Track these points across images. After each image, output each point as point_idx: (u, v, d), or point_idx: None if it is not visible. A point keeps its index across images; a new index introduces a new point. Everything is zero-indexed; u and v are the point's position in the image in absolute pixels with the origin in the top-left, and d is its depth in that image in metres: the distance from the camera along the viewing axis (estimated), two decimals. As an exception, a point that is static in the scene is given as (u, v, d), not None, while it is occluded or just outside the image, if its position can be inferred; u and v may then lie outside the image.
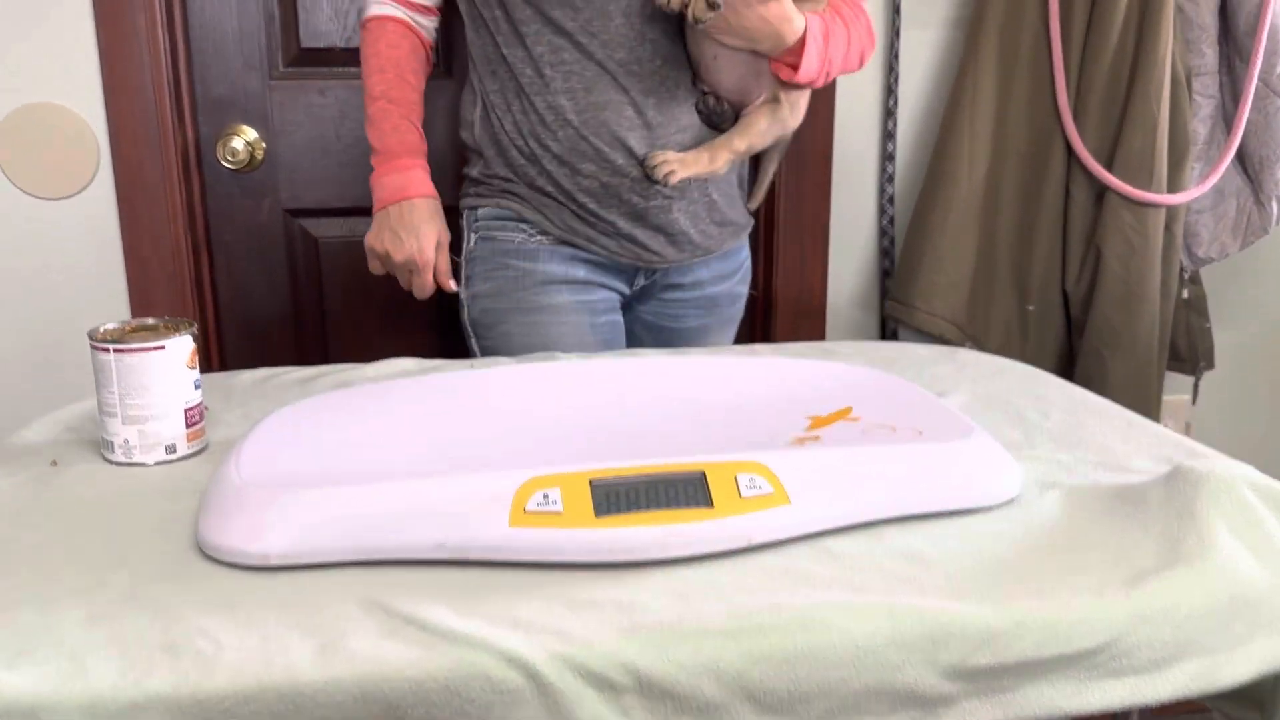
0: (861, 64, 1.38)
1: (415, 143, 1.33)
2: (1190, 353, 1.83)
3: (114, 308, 1.61)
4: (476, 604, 0.65)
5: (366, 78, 1.32)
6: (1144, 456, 0.90)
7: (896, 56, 1.75)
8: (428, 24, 1.35)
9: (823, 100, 1.75)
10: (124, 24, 1.52)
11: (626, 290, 1.41)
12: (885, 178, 1.80)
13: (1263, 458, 2.11)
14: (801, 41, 1.24)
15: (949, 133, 1.69)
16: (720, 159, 1.31)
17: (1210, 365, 1.85)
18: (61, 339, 1.62)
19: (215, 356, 1.71)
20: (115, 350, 0.89)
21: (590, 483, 0.74)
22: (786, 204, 1.80)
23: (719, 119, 1.34)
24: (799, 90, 1.33)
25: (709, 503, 0.73)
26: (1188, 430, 2.03)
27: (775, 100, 1.31)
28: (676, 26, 1.29)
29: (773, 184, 1.78)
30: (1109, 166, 1.67)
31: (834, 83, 1.75)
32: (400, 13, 1.32)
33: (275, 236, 1.72)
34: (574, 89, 1.27)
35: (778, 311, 1.85)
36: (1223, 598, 0.68)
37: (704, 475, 0.75)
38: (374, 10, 1.32)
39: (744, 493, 0.74)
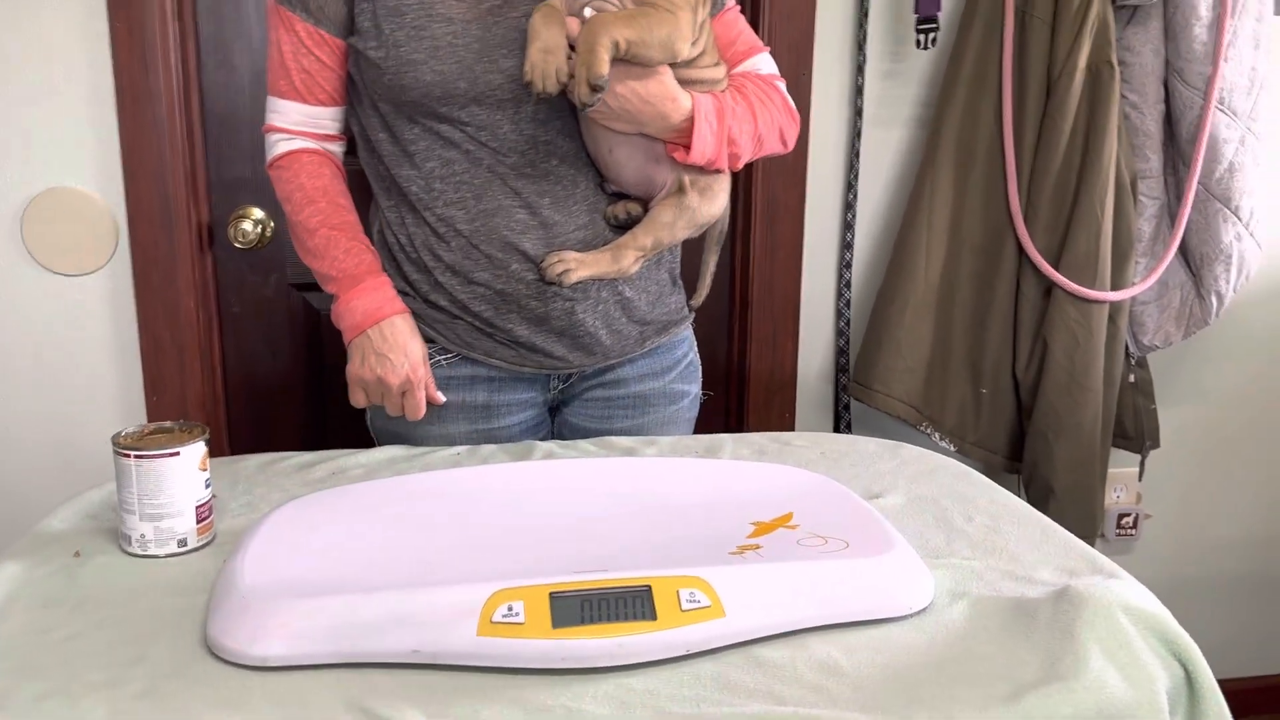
0: (785, 143, 1.34)
1: (372, 261, 1.29)
2: (1137, 432, 1.95)
3: (128, 378, 1.72)
4: (445, 707, 0.77)
5: (295, 215, 1.29)
6: (1049, 567, 1.01)
7: (857, 155, 1.87)
8: (337, 150, 1.32)
9: (793, 189, 1.88)
10: (144, 113, 1.64)
11: (544, 396, 1.39)
12: (844, 264, 1.92)
13: (1208, 524, 2.23)
14: (691, 120, 1.21)
15: (909, 228, 1.81)
16: (626, 258, 1.27)
17: (1155, 444, 1.96)
18: (78, 408, 1.73)
19: (222, 422, 1.83)
20: (136, 456, 1.00)
21: (550, 595, 0.85)
22: (759, 286, 1.92)
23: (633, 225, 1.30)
24: (708, 176, 1.27)
25: (653, 615, 0.84)
26: (1138, 500, 2.14)
27: (680, 190, 1.26)
28: (571, 125, 1.26)
29: (746, 267, 1.91)
30: (1056, 264, 1.79)
31: (802, 173, 1.87)
32: (310, 144, 1.29)
33: (280, 309, 1.84)
34: (464, 199, 1.25)
35: (751, 385, 1.97)
36: (1091, 713, 0.79)
37: (650, 589, 0.86)
38: (282, 148, 1.28)
39: (684, 605, 0.85)
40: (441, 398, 1.32)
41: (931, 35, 1.76)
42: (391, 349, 1.28)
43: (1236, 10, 1.77)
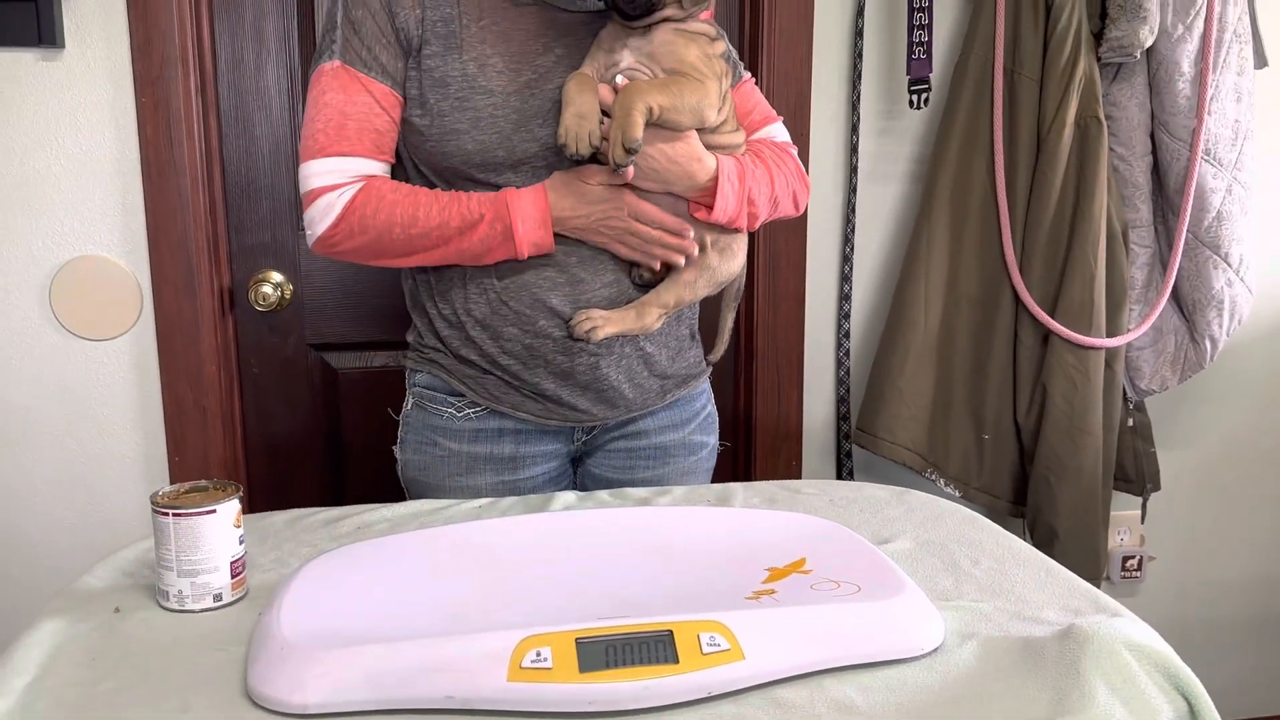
0: (798, 207, 1.40)
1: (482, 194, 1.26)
2: (1137, 475, 1.99)
3: (152, 439, 1.77)
4: (479, 751, 0.80)
5: (406, 219, 1.24)
6: (1054, 607, 1.05)
7: (854, 209, 1.94)
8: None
9: (794, 243, 1.94)
10: (169, 184, 1.71)
11: (568, 448, 1.43)
12: (842, 315, 1.97)
13: (1212, 566, 2.25)
14: (715, 180, 1.27)
15: (907, 280, 1.87)
16: (649, 315, 1.32)
17: (1156, 487, 2.00)
18: (103, 470, 1.77)
19: (243, 480, 1.87)
20: (174, 514, 1.04)
21: (576, 641, 0.88)
22: (764, 337, 1.97)
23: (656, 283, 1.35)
24: (727, 235, 1.33)
25: (675, 659, 0.88)
26: (1142, 542, 2.17)
27: (701, 249, 1.32)
28: None
29: (751, 318, 1.96)
30: (1053, 312, 1.84)
31: (803, 227, 1.93)
32: (381, 168, 1.29)
33: (299, 369, 1.89)
34: None
35: (758, 434, 2.01)
36: (1098, 746, 0.82)
37: (671, 634, 0.90)
38: (349, 193, 1.25)
39: (705, 649, 0.89)
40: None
41: (924, 95, 1.83)
42: (574, 193, 1.26)
43: (1218, 65, 1.84)
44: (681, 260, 1.30)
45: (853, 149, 1.93)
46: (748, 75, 1.43)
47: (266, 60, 1.79)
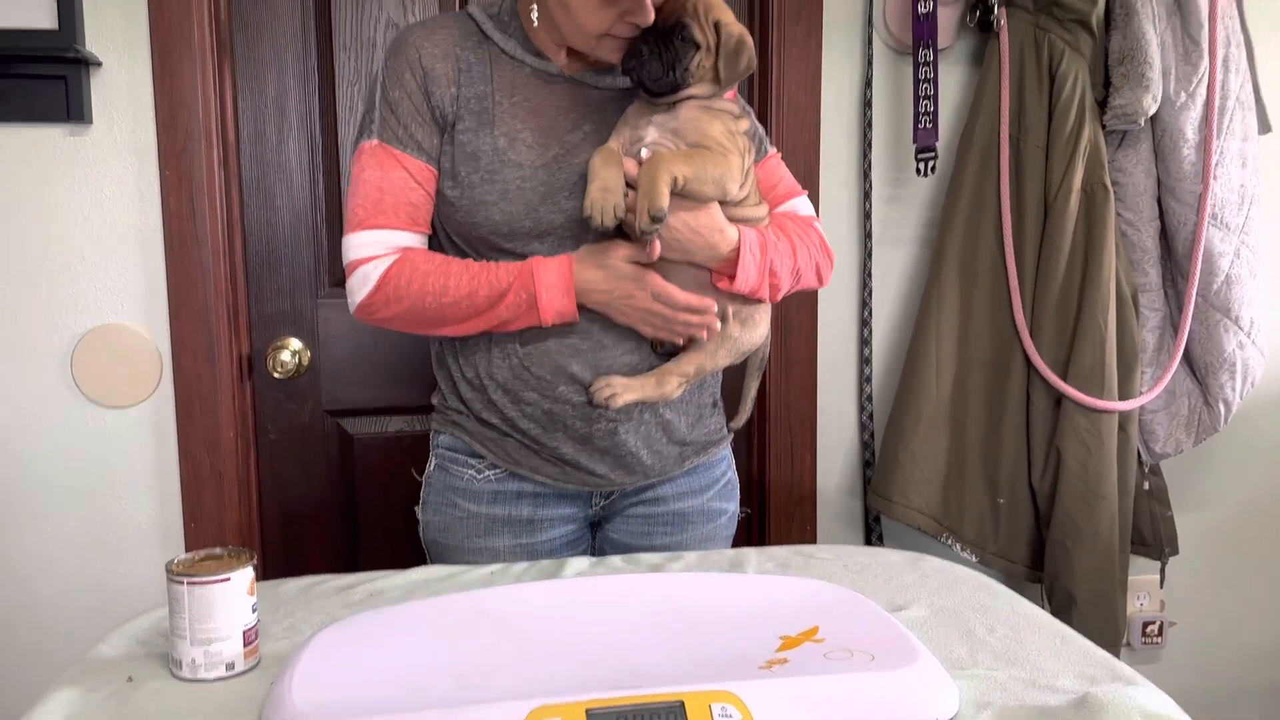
0: (821, 279, 1.42)
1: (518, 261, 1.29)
2: (1155, 539, 1.97)
3: (168, 505, 1.78)
4: (490, 824, 0.79)
5: (430, 286, 1.28)
6: (1070, 675, 1.04)
7: (870, 274, 1.96)
8: None
9: (805, 311, 1.96)
10: (191, 255, 1.74)
11: (586, 513, 1.45)
12: (864, 378, 1.98)
13: (1235, 632, 2.22)
14: (737, 251, 1.29)
15: (918, 343, 1.88)
16: (669, 383, 1.33)
17: (1174, 551, 1.98)
18: (119, 535, 1.79)
19: (255, 547, 1.87)
20: (189, 583, 1.05)
21: (587, 712, 0.88)
22: (776, 401, 1.98)
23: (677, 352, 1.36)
24: (749, 306, 1.35)
25: (687, 730, 0.87)
26: (1162, 607, 2.14)
27: (723, 319, 1.32)
28: None
29: (763, 382, 1.97)
30: (1064, 375, 1.84)
31: (813, 293, 1.95)
32: (417, 239, 1.32)
33: (315, 434, 1.90)
34: None
35: (771, 497, 2.01)
36: (1115, 818, 0.81)
37: (683, 705, 0.89)
38: (386, 263, 1.29)
39: (717, 720, 0.89)
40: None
41: (930, 163, 1.86)
42: (604, 267, 1.28)
43: (1222, 132, 1.86)
44: (704, 334, 1.32)
45: (866, 215, 1.95)
46: (773, 150, 1.46)
47: (288, 134, 1.84)
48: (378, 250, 1.30)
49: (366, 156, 1.31)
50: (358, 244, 1.31)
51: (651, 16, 1.23)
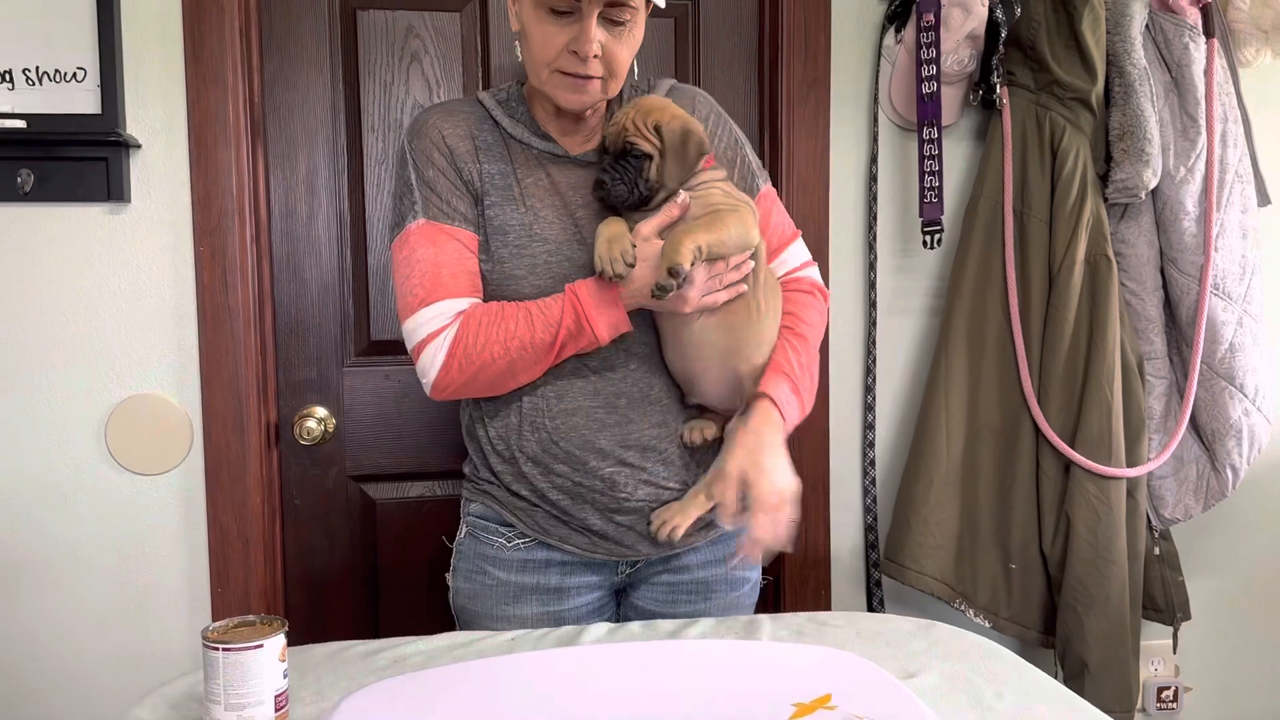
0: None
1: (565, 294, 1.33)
2: (1167, 604, 1.98)
3: (195, 570, 1.82)
4: None
5: (494, 342, 1.31)
6: (1077, 743, 1.06)
7: (874, 342, 2.00)
8: None
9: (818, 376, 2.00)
10: (223, 327, 1.81)
11: (611, 580, 1.47)
12: (867, 443, 2.02)
13: (1251, 696, 2.22)
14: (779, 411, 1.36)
15: (928, 411, 1.92)
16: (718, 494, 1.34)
17: (1186, 616, 1.99)
18: (148, 601, 1.83)
19: (281, 608, 1.91)
20: (224, 649, 1.09)
21: (605, 776, 0.91)
22: (790, 467, 2.01)
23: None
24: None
25: (702, 798, 0.90)
26: (1176, 673, 2.15)
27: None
28: (646, 334, 1.39)
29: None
30: (1072, 442, 1.88)
31: (824, 360, 1.99)
32: (470, 302, 1.35)
33: (339, 500, 1.95)
34: (547, 396, 1.37)
35: (786, 564, 2.03)
36: None
37: (698, 772, 0.92)
38: (455, 327, 1.32)
39: (732, 786, 0.91)
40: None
41: (937, 235, 1.92)
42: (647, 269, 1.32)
43: (1222, 204, 1.92)
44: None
45: (871, 285, 2.01)
46: (765, 186, 1.48)
47: (317, 210, 1.91)
48: (442, 322, 1.32)
49: (415, 237, 1.35)
50: (423, 321, 1.33)
51: (591, 45, 1.27)
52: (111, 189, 1.75)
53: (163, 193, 1.79)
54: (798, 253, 1.50)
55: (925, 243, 1.93)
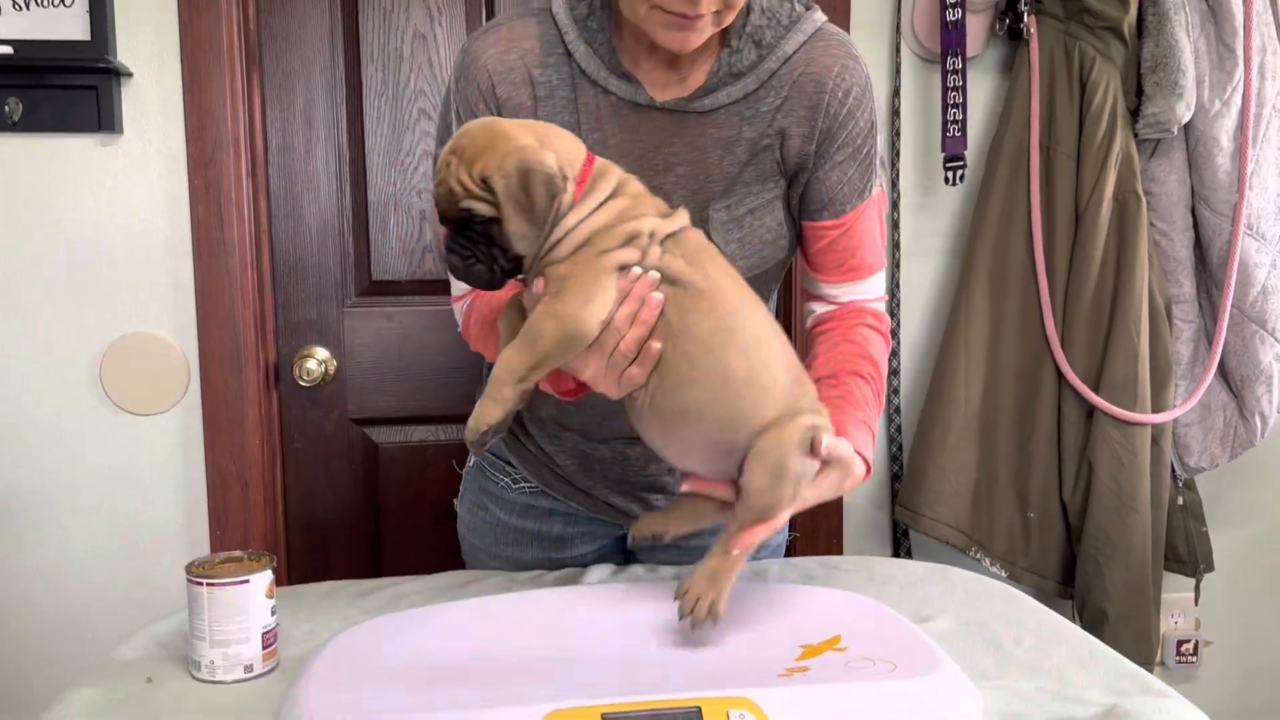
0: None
1: None
2: (1190, 555, 1.93)
3: (194, 512, 1.79)
4: (502, 828, 0.78)
5: (479, 345, 1.20)
6: (1098, 688, 1.01)
7: (897, 284, 1.94)
8: None
9: (834, 321, 1.94)
10: (219, 264, 1.76)
11: (615, 534, 1.38)
12: (891, 390, 1.96)
13: (1273, 650, 2.17)
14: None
15: (946, 355, 1.85)
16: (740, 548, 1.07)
17: (1209, 568, 1.94)
18: (147, 542, 1.80)
19: (282, 554, 1.88)
20: (208, 585, 1.05)
21: (602, 717, 0.87)
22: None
23: None
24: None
25: (703, 737, 0.86)
26: (1197, 626, 2.09)
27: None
28: None
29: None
30: (1096, 388, 1.81)
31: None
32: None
33: (340, 443, 1.91)
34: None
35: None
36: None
37: (700, 711, 0.88)
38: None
39: (734, 727, 0.87)
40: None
41: (959, 172, 1.84)
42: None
43: (1258, 140, 1.83)
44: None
45: (894, 225, 1.94)
46: (877, 189, 1.20)
47: (315, 145, 1.85)
48: (464, 290, 1.20)
49: None
50: (454, 281, 1.21)
51: None
52: (102, 119, 1.70)
53: (155, 123, 1.74)
54: (877, 286, 1.25)
55: (948, 179, 1.85)
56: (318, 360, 1.86)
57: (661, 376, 1.01)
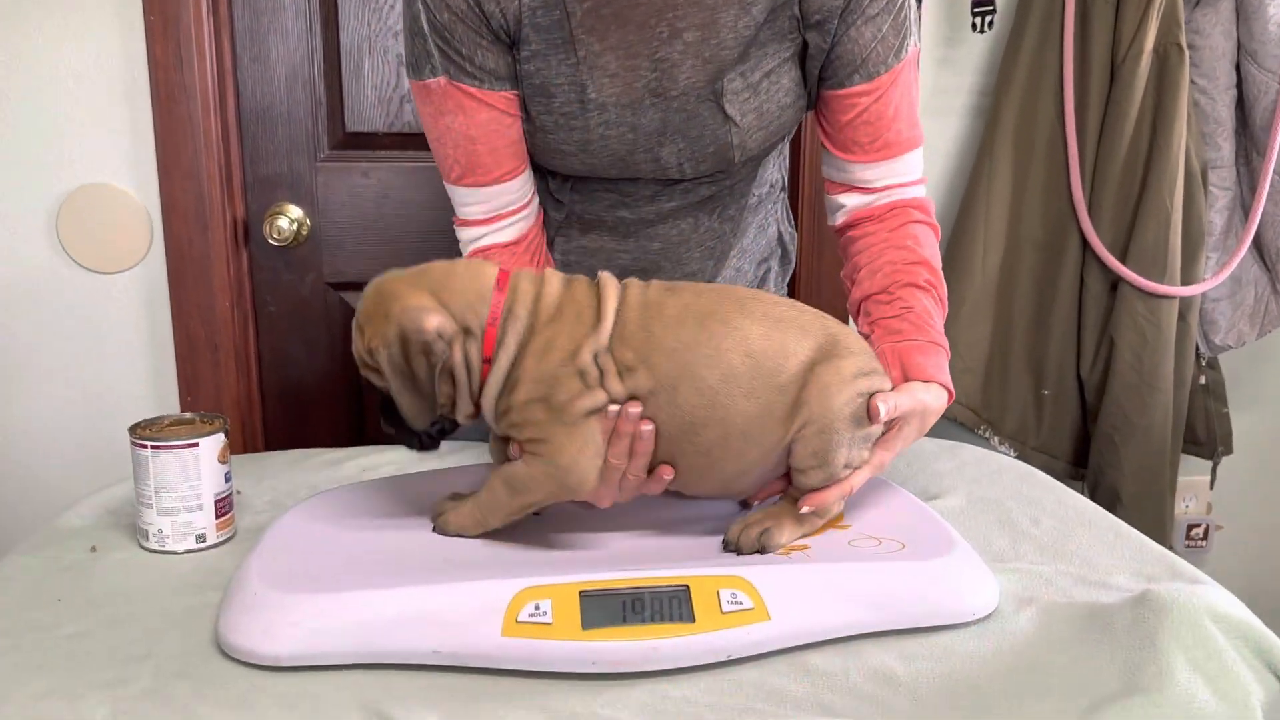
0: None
1: None
2: (1209, 437, 1.85)
3: (162, 377, 1.70)
4: (466, 712, 0.71)
5: None
6: (1124, 572, 0.93)
7: (915, 145, 1.80)
8: (528, 220, 1.16)
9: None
10: (179, 109, 1.62)
11: None
12: (904, 261, 1.85)
13: (1286, 540, 2.12)
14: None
15: (964, 223, 1.74)
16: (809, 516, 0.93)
17: (1229, 450, 1.86)
18: (111, 407, 1.72)
19: (257, 423, 1.80)
20: (153, 447, 0.96)
21: (580, 594, 0.79)
22: (808, 281, 1.85)
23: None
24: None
25: (691, 618, 0.78)
26: (1209, 510, 2.03)
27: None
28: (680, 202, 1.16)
29: (796, 266, 1.84)
30: (1123, 258, 1.70)
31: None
32: (500, 238, 1.14)
33: (316, 308, 1.81)
34: (581, 248, 1.21)
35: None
36: (1177, 729, 0.71)
37: (688, 589, 0.80)
38: (489, 210, 1.13)
39: (725, 608, 0.79)
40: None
41: (988, 18, 1.69)
42: None
43: (1315, -10, 1.68)
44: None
45: (910, 81, 1.79)
46: (913, 47, 1.08)
47: (283, -21, 1.69)
48: (478, 215, 1.13)
49: (440, 98, 1.07)
50: (460, 199, 1.14)
51: None
52: (45, -55, 1.54)
53: (104, -49, 1.58)
54: (915, 165, 1.13)
55: (974, 25, 1.70)
56: (290, 219, 1.74)
57: (681, 471, 0.91)
